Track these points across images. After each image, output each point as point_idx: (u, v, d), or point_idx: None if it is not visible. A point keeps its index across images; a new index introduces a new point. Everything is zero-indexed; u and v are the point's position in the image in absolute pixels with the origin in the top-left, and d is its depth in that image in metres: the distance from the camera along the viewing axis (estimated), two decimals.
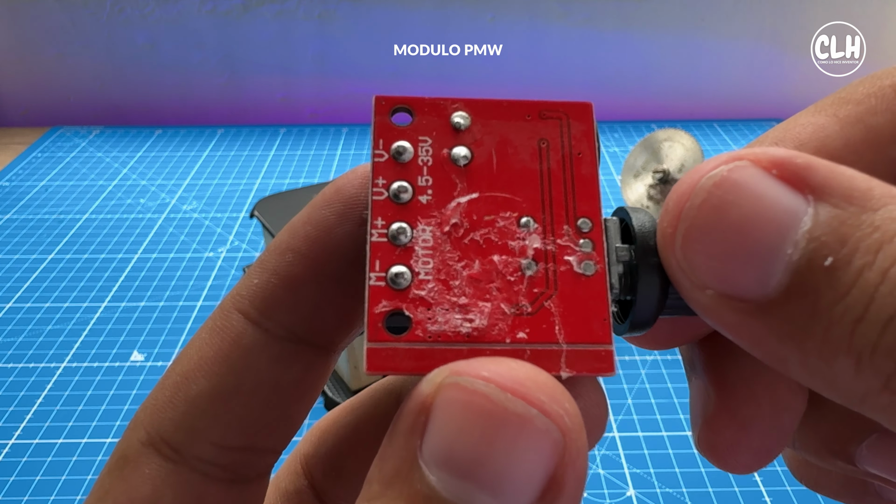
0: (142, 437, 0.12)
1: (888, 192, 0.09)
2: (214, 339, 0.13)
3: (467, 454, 0.09)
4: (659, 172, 0.65)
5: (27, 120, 0.89)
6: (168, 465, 0.12)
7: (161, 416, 0.12)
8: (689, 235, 0.10)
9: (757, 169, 0.10)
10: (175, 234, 0.63)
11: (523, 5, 0.83)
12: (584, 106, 0.13)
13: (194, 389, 0.12)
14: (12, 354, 0.48)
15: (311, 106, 0.90)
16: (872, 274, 0.09)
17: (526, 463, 0.09)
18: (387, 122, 0.12)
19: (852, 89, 0.14)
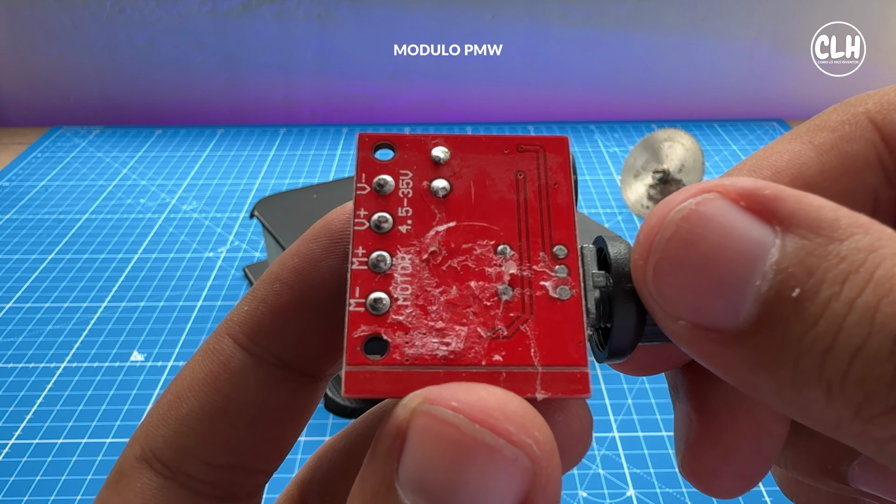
0: (136, 453, 0.13)
1: (855, 221, 0.10)
2: (206, 361, 0.13)
3: (439, 481, 0.09)
4: (659, 172, 0.65)
5: (27, 120, 0.89)
6: (159, 481, 0.13)
7: (154, 433, 0.13)
8: (660, 268, 0.10)
9: (725, 201, 0.10)
10: (175, 234, 0.63)
11: (523, 5, 0.83)
12: (561, 140, 0.13)
13: (185, 408, 0.13)
14: (12, 354, 0.48)
15: (311, 106, 0.90)
16: (839, 304, 0.09)
17: (496, 491, 0.09)
18: (369, 157, 0.13)
19: (827, 116, 0.14)
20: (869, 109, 0.14)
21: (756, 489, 0.38)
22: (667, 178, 0.65)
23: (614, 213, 0.67)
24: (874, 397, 0.09)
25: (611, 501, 0.38)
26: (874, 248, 0.09)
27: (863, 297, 0.09)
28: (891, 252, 0.09)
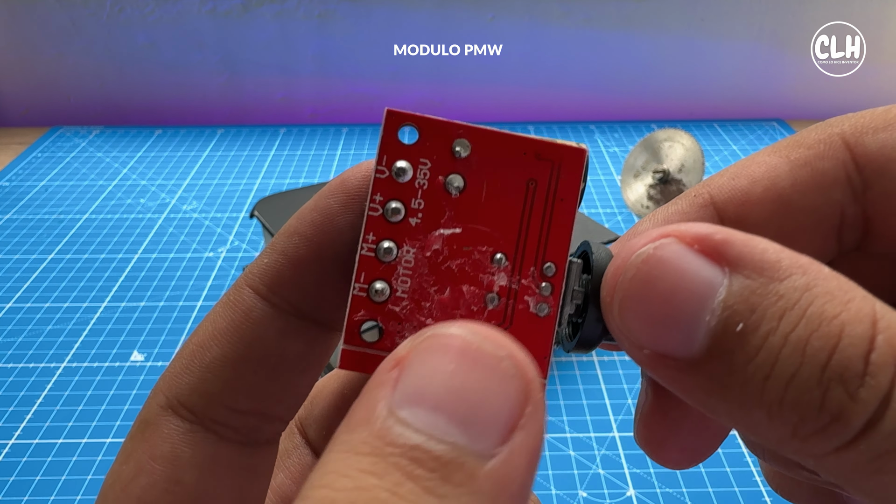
0: (161, 402, 0.14)
1: (795, 262, 0.11)
2: (227, 311, 0.14)
3: (440, 388, 0.10)
4: (659, 172, 0.65)
5: (27, 120, 0.89)
6: (185, 426, 0.13)
7: (178, 381, 0.14)
8: (624, 304, 0.12)
9: (680, 245, 0.12)
10: (175, 234, 0.63)
11: (523, 5, 0.83)
12: (579, 152, 0.13)
13: (208, 357, 0.14)
14: (12, 354, 0.48)
15: (311, 106, 0.90)
16: (776, 338, 0.10)
17: (494, 401, 0.10)
18: (394, 138, 0.13)
19: (806, 134, 0.15)
20: (844, 131, 0.15)
21: (756, 490, 0.38)
22: (667, 178, 0.65)
23: (614, 213, 0.67)
24: (807, 419, 0.10)
25: (611, 501, 0.38)
26: (809, 287, 0.11)
27: (796, 332, 0.10)
28: (823, 291, 0.11)
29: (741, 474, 0.39)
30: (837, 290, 0.11)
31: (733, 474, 0.39)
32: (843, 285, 0.11)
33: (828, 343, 0.10)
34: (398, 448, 0.09)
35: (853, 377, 0.10)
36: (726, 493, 0.38)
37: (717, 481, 0.39)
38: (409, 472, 0.09)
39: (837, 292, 0.11)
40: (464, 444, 0.09)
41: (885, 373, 0.10)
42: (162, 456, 0.13)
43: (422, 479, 0.09)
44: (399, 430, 0.09)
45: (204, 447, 0.14)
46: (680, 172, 0.64)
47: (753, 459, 0.40)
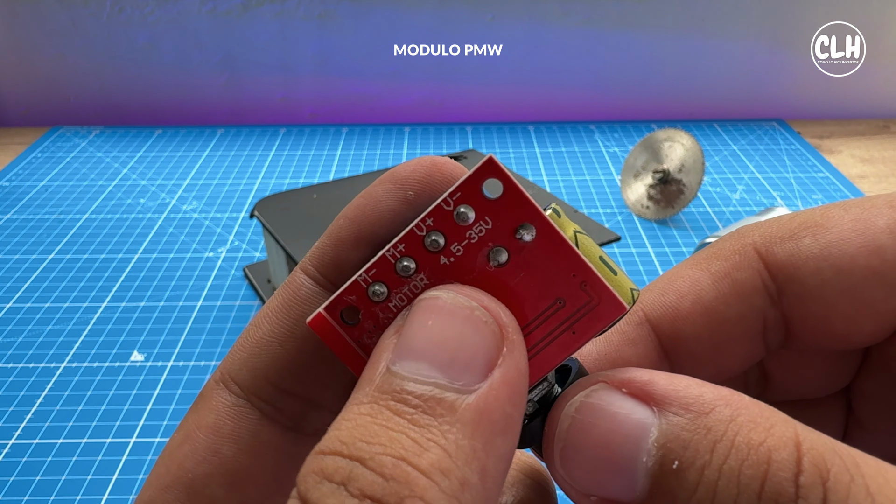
0: (216, 377, 0.14)
1: (717, 394, 0.12)
2: (281, 291, 0.15)
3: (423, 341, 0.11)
4: (659, 172, 0.65)
5: (27, 120, 0.89)
6: (232, 399, 0.14)
7: (232, 357, 0.14)
8: (565, 454, 0.12)
9: (610, 389, 0.12)
10: (175, 234, 0.63)
11: (523, 5, 0.83)
12: (618, 308, 0.13)
13: (258, 333, 0.14)
14: (12, 354, 0.48)
15: (311, 106, 0.90)
16: (711, 471, 0.11)
17: (470, 345, 0.11)
18: (478, 183, 0.13)
19: (721, 245, 0.17)
20: (755, 241, 0.16)
21: None
22: (667, 178, 0.65)
23: (614, 213, 0.67)
24: None
25: None
26: (733, 417, 0.11)
27: (728, 463, 0.11)
28: (747, 419, 0.11)
29: None
30: (759, 416, 0.11)
31: None
32: (763, 412, 0.11)
33: (759, 471, 0.11)
34: (388, 394, 0.11)
35: (787, 501, 0.10)
36: None
37: None
38: (396, 410, 0.11)
39: (760, 419, 0.11)
40: (444, 383, 0.11)
41: (815, 493, 0.10)
42: (207, 425, 0.14)
43: (407, 414, 0.11)
44: (391, 380, 0.11)
45: (247, 423, 0.14)
46: (680, 172, 0.64)
47: None
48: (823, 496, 0.10)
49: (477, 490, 0.10)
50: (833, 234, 0.15)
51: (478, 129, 0.87)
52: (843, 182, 0.72)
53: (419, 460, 0.10)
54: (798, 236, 0.16)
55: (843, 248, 0.15)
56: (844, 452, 0.11)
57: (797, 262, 0.15)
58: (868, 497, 0.10)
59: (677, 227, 0.64)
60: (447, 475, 0.10)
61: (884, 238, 0.15)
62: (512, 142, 0.83)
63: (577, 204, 0.69)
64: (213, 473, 0.14)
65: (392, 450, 0.10)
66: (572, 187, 0.72)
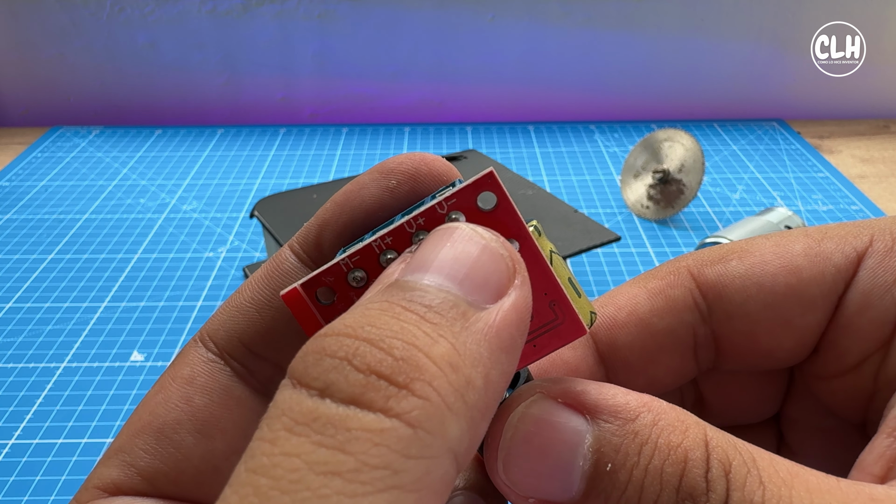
0: (197, 336, 0.15)
1: (640, 402, 0.13)
2: (268, 264, 0.16)
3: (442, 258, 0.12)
4: (659, 172, 0.65)
5: (27, 120, 0.89)
6: (207, 355, 0.15)
7: (213, 319, 0.15)
8: (507, 461, 0.13)
9: (548, 400, 0.13)
10: (175, 234, 0.63)
11: (523, 5, 0.83)
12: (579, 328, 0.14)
13: (239, 298, 0.15)
14: (12, 354, 0.48)
15: (311, 106, 0.90)
16: (639, 471, 0.12)
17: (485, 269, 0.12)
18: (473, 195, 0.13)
19: (659, 268, 0.19)
20: (689, 264, 0.18)
21: None
22: (667, 178, 0.65)
23: (614, 213, 0.67)
24: None
25: None
26: (655, 421, 0.13)
27: (653, 462, 0.12)
28: (667, 423, 0.13)
29: None
30: (676, 420, 0.13)
31: None
32: (679, 415, 0.13)
33: (678, 469, 0.12)
34: (400, 296, 0.11)
35: (700, 494, 0.12)
36: None
37: None
38: (408, 307, 0.11)
39: (677, 423, 0.13)
40: (458, 294, 0.11)
41: (721, 485, 0.12)
42: (181, 376, 0.15)
43: (419, 311, 0.11)
44: (402, 286, 0.11)
45: (219, 377, 0.15)
46: (680, 172, 0.64)
47: None
48: (727, 487, 0.12)
49: (479, 393, 0.11)
50: (756, 256, 0.17)
51: (478, 129, 0.87)
52: (843, 182, 0.72)
53: (430, 350, 0.10)
54: (726, 259, 0.18)
55: (765, 269, 0.17)
56: (743, 449, 0.13)
57: (725, 280, 0.17)
58: (760, 485, 0.12)
59: (677, 227, 0.64)
60: (455, 370, 0.10)
61: (800, 260, 0.17)
62: (512, 142, 0.83)
63: (577, 204, 0.69)
64: (184, 420, 0.14)
65: (403, 336, 0.10)
66: (572, 187, 0.72)
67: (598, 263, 0.58)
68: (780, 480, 0.12)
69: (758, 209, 0.67)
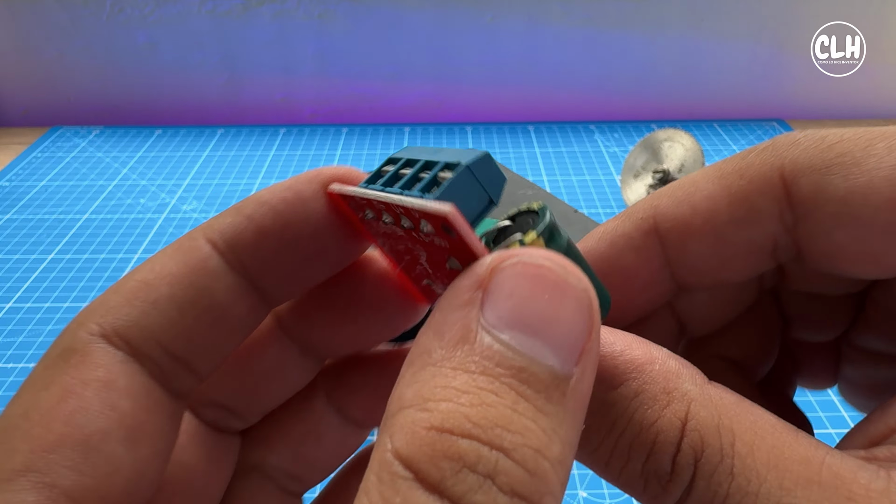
0: (92, 331, 0.13)
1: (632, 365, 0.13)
2: (180, 257, 0.14)
3: (539, 314, 0.11)
4: (659, 172, 0.65)
5: (27, 120, 0.89)
6: (120, 356, 0.14)
7: (117, 313, 0.14)
8: None
9: None
10: (175, 234, 0.63)
11: (523, 5, 0.83)
12: None
13: (155, 295, 0.14)
14: (12, 354, 0.48)
15: (311, 106, 0.90)
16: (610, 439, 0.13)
17: (575, 328, 0.11)
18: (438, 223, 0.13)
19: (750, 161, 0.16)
20: (784, 166, 0.15)
21: None
22: (667, 178, 0.65)
23: (614, 213, 0.67)
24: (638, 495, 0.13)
25: (611, 501, 0.38)
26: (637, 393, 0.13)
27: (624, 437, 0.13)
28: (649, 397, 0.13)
29: None
30: (661, 393, 0.13)
31: None
32: (667, 386, 0.13)
33: (645, 448, 0.13)
34: (508, 370, 0.11)
35: (663, 475, 0.13)
36: None
37: None
38: (522, 393, 0.11)
39: (661, 395, 0.13)
40: (558, 367, 0.11)
41: (686, 472, 0.12)
42: (96, 380, 0.13)
43: (532, 399, 0.11)
44: (505, 352, 0.11)
45: (139, 379, 0.14)
46: (680, 172, 0.64)
47: None
48: (692, 474, 0.12)
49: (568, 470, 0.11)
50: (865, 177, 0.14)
51: (478, 129, 0.87)
52: None
53: (550, 452, 0.11)
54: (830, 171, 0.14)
55: (869, 198, 0.14)
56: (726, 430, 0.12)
57: (820, 200, 0.15)
58: (729, 476, 0.12)
59: None
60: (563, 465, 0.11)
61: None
62: (512, 142, 0.83)
63: (577, 204, 0.69)
64: (112, 429, 0.13)
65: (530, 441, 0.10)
66: (572, 187, 0.72)
67: None
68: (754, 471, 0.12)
69: None
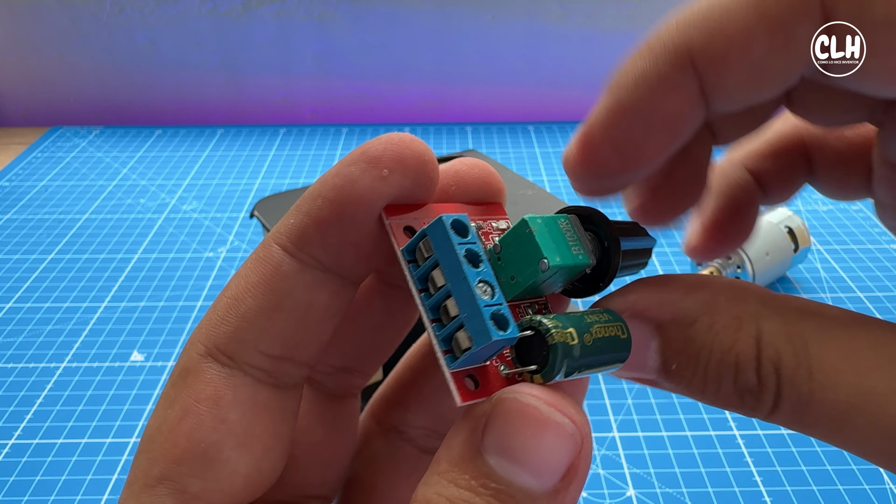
0: (200, 351, 0.15)
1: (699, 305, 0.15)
2: (258, 267, 0.16)
3: (520, 446, 0.13)
4: None
5: (27, 120, 0.89)
6: (225, 371, 0.15)
7: (216, 331, 0.15)
8: None
9: None
10: (175, 234, 0.63)
11: (523, 5, 0.83)
12: None
13: (244, 308, 0.15)
14: (12, 354, 0.48)
15: (311, 106, 0.90)
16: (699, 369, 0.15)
17: (558, 454, 0.13)
18: None
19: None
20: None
21: (756, 489, 0.38)
22: None
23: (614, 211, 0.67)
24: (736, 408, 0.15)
25: (611, 501, 0.38)
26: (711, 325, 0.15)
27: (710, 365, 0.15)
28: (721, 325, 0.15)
29: (741, 474, 0.39)
30: (732, 319, 0.14)
31: (733, 474, 0.39)
32: (737, 312, 0.15)
33: (731, 369, 0.14)
34: (489, 490, 0.13)
35: (753, 388, 0.14)
36: (726, 493, 0.38)
37: (716, 481, 0.39)
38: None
39: (731, 322, 0.14)
40: (536, 488, 0.13)
41: (771, 381, 0.14)
42: (207, 398, 0.15)
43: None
44: (490, 473, 0.13)
45: (243, 389, 0.15)
46: None
47: (754, 459, 0.40)
48: (777, 381, 0.14)
49: None
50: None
51: (478, 129, 0.87)
52: None
53: None
54: None
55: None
56: (796, 336, 0.14)
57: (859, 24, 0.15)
58: (809, 376, 0.14)
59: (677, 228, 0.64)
60: None
61: None
62: (512, 142, 0.83)
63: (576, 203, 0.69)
64: (224, 440, 0.15)
65: None
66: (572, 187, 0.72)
67: None
68: (829, 367, 0.13)
69: None
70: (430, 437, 0.20)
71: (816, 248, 0.60)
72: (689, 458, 0.40)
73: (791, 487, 0.38)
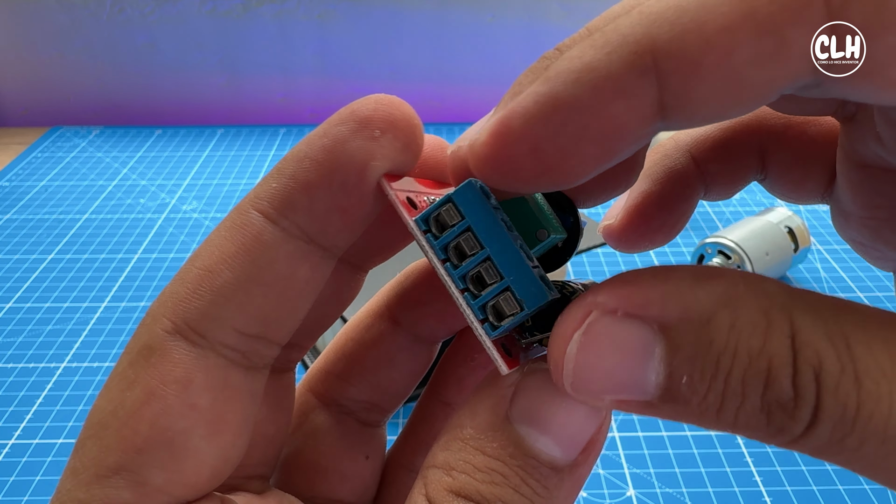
0: (166, 327, 0.14)
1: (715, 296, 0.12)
2: (235, 235, 0.14)
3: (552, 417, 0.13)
4: None
5: (27, 120, 0.89)
6: (196, 351, 0.14)
7: (186, 306, 0.14)
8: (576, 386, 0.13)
9: (606, 318, 0.12)
10: (175, 234, 0.63)
11: (523, 5, 0.83)
12: None
13: (219, 281, 0.14)
14: (12, 354, 0.48)
15: (311, 106, 0.90)
16: (718, 382, 0.11)
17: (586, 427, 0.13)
18: None
19: None
20: None
21: (756, 489, 0.38)
22: None
23: None
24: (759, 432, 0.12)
25: (611, 501, 0.38)
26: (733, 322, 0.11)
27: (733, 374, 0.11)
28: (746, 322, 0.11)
29: (741, 474, 0.39)
30: (758, 314, 0.11)
31: (733, 474, 0.39)
32: (762, 304, 0.11)
33: (761, 378, 0.11)
34: (517, 459, 0.13)
35: (787, 401, 0.11)
36: (726, 493, 0.38)
37: (717, 481, 0.39)
38: (524, 478, 0.13)
39: (758, 318, 0.11)
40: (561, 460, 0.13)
41: (810, 390, 0.11)
42: (175, 380, 0.13)
43: (532, 484, 0.13)
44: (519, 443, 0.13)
45: (216, 371, 0.14)
46: None
47: (754, 459, 0.40)
48: (816, 391, 0.11)
49: None
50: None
51: None
52: None
53: None
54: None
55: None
56: (836, 334, 0.11)
57: None
58: (856, 383, 0.11)
59: None
60: None
61: None
62: None
63: None
64: (193, 427, 0.13)
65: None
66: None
67: (598, 263, 0.58)
68: (879, 370, 0.11)
69: (758, 209, 0.67)
70: (372, 410, 0.19)
71: (816, 248, 0.60)
72: (689, 458, 0.40)
73: (791, 487, 0.38)
